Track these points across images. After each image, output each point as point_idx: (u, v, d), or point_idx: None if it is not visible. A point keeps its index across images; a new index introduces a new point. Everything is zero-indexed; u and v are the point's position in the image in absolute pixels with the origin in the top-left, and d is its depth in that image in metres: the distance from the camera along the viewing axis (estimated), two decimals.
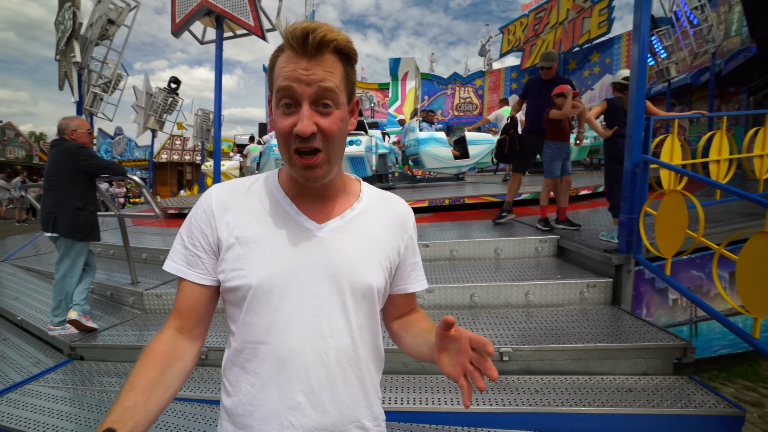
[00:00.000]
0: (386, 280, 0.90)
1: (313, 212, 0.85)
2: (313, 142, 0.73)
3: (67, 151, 3.42)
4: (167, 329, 0.83)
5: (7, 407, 2.63)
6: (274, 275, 0.79)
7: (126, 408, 0.68)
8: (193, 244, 0.84)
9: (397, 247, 0.91)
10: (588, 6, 15.30)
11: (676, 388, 2.42)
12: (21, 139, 25.32)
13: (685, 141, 3.83)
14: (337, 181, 0.88)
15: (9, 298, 4.63)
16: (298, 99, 0.72)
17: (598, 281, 3.29)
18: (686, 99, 12.46)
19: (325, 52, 0.72)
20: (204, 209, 0.85)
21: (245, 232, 0.81)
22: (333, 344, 0.81)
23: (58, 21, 7.15)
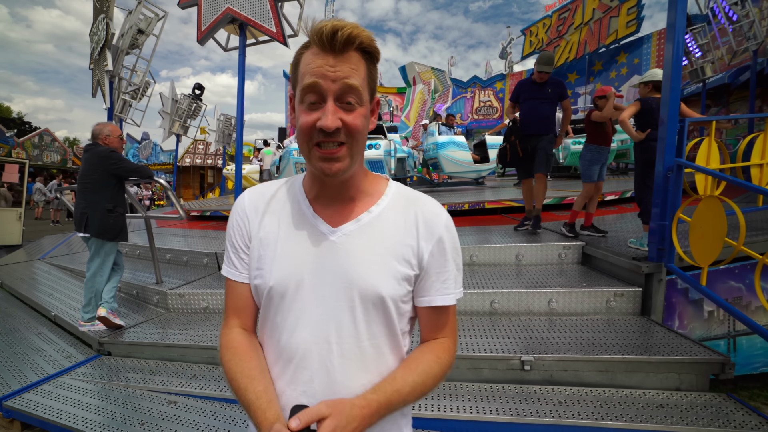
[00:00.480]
0: (407, 289, 0.83)
1: (330, 215, 0.84)
2: (337, 136, 0.74)
3: (99, 155, 3.54)
4: (233, 328, 0.88)
5: (41, 398, 2.75)
6: (287, 277, 0.80)
7: (261, 392, 0.76)
8: (234, 247, 0.89)
9: (419, 253, 0.83)
10: (615, 5, 14.81)
11: (713, 406, 2.29)
12: (57, 144, 26.47)
13: (723, 144, 3.65)
14: (359, 180, 0.86)
15: (44, 294, 4.83)
16: (324, 95, 0.73)
17: (626, 290, 3.17)
18: (723, 100, 11.91)
19: (350, 49, 0.73)
20: (239, 213, 0.89)
21: (267, 233, 0.85)
22: (338, 351, 0.79)
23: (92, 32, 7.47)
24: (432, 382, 0.82)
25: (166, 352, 3.26)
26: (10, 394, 2.80)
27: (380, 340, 0.82)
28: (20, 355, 3.40)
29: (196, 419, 2.45)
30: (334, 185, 0.83)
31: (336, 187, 0.83)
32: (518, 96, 4.63)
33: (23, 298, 4.97)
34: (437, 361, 0.84)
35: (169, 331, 3.48)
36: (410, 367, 0.82)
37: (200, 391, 2.73)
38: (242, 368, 0.81)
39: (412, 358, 0.85)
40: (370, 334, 0.81)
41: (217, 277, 4.41)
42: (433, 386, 0.82)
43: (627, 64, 15.49)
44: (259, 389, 0.77)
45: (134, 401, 2.67)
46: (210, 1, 4.39)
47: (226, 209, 7.77)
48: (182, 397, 2.69)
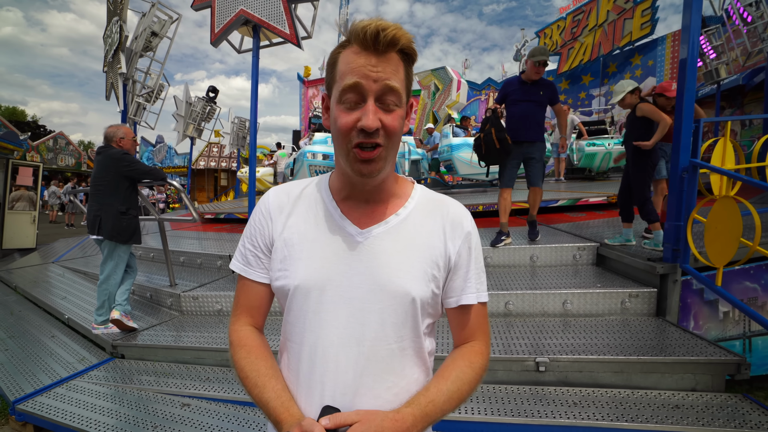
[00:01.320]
0: (432, 292, 0.82)
1: (358, 216, 0.84)
2: (376, 137, 0.74)
3: (112, 157, 3.57)
4: (244, 325, 0.90)
5: (54, 401, 2.75)
6: (313, 278, 0.80)
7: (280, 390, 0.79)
8: (254, 245, 0.89)
9: (447, 254, 0.84)
10: (630, 7, 14.80)
11: (729, 407, 2.27)
12: (71, 147, 26.88)
13: (737, 144, 3.60)
14: (389, 183, 0.86)
15: (58, 297, 4.88)
16: (364, 95, 0.73)
17: (641, 291, 3.14)
18: (737, 101, 11.77)
19: (391, 51, 0.73)
20: (262, 212, 0.89)
21: (291, 234, 0.84)
22: (365, 353, 0.78)
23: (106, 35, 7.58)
24: (467, 388, 0.81)
25: (179, 355, 3.27)
26: (23, 397, 2.80)
27: (406, 342, 0.81)
28: (33, 358, 3.41)
29: (210, 422, 2.45)
30: (364, 187, 0.83)
31: (366, 190, 0.83)
32: (505, 97, 4.16)
33: (37, 301, 5.01)
34: (470, 366, 0.83)
35: (183, 333, 3.50)
36: (443, 376, 0.81)
37: (214, 394, 2.74)
38: (258, 367, 0.82)
39: (445, 366, 0.84)
40: (398, 337, 0.80)
41: (231, 279, 4.43)
42: (469, 392, 0.81)
43: (642, 65, 15.41)
44: (278, 388, 0.79)
45: (147, 404, 2.68)
46: (223, 3, 4.44)
47: (240, 212, 7.80)
48: (196, 400, 2.70)
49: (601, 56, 16.30)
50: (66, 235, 11.40)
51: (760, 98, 10.17)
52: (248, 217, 4.67)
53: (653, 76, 15.03)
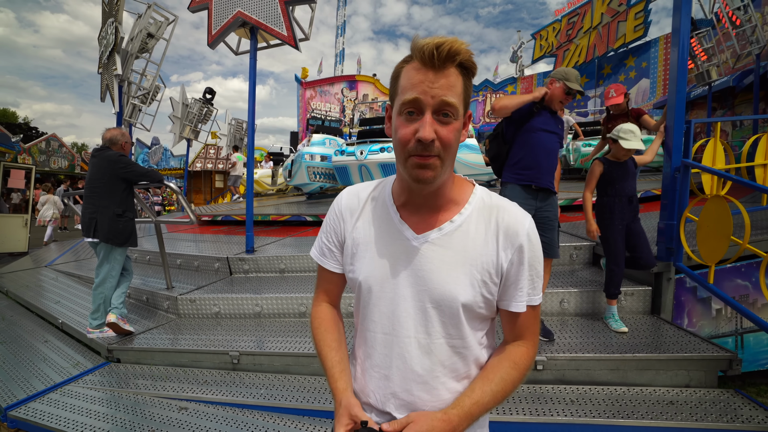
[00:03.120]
0: (483, 297, 0.86)
1: (416, 222, 0.90)
2: (431, 149, 0.78)
3: (108, 159, 3.55)
4: (322, 303, 1.06)
5: (48, 407, 2.72)
6: (372, 276, 0.90)
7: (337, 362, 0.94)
8: (328, 240, 1.01)
9: (498, 261, 0.86)
10: (623, 10, 15.02)
11: (721, 402, 2.31)
12: (64, 149, 26.66)
13: (728, 145, 3.66)
14: (447, 189, 0.89)
15: (51, 301, 4.81)
16: (422, 108, 0.78)
17: (636, 289, 3.17)
18: (728, 102, 11.94)
19: (450, 66, 0.77)
20: (336, 212, 1.00)
21: (358, 234, 0.95)
22: (414, 345, 0.87)
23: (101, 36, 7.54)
24: (511, 388, 0.86)
25: (176, 358, 3.26)
26: (15, 403, 2.75)
27: (455, 341, 0.87)
28: (26, 364, 3.36)
29: (208, 425, 2.45)
30: (421, 192, 0.87)
31: (424, 195, 0.88)
32: (517, 120, 2.87)
33: (29, 306, 4.93)
34: (515, 367, 0.88)
35: (180, 336, 3.48)
36: (488, 378, 0.86)
37: (212, 397, 2.73)
38: (325, 338, 0.99)
39: (490, 366, 0.89)
40: (446, 334, 0.86)
41: (229, 282, 4.42)
42: (512, 390, 0.87)
43: (635, 67, 15.64)
44: (336, 359, 0.95)
45: (144, 408, 2.66)
46: (221, 5, 4.42)
47: (237, 213, 7.78)
48: (193, 403, 2.69)
49: (596, 58, 16.51)
50: (59, 238, 11.30)
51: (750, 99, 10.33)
52: (246, 219, 4.63)
53: (647, 77, 15.24)
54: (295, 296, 3.68)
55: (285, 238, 5.75)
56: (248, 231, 4.85)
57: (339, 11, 23.31)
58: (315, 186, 8.93)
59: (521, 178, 2.81)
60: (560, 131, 2.90)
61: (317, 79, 21.38)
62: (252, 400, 2.66)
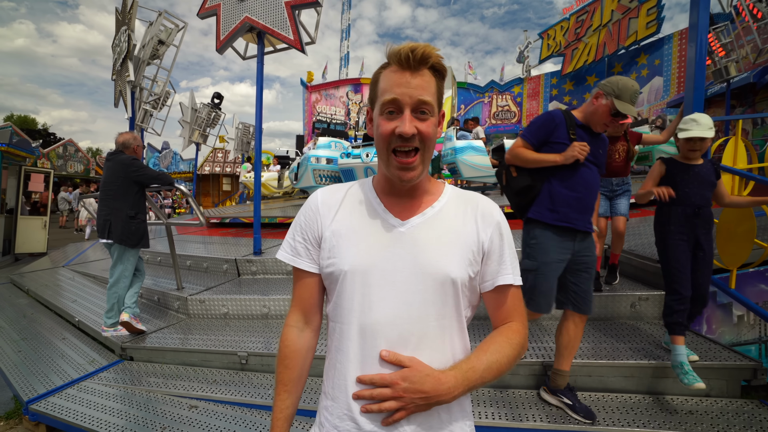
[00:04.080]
0: (470, 275, 0.91)
1: (399, 210, 0.94)
2: (412, 142, 0.86)
3: (122, 163, 3.62)
4: (292, 326, 1.00)
5: (66, 402, 2.79)
6: (360, 263, 0.90)
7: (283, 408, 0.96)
8: (304, 237, 0.99)
9: (479, 240, 0.93)
10: (635, 6, 14.68)
11: (745, 413, 2.22)
12: (80, 154, 27.20)
13: (749, 143, 3.55)
14: (424, 183, 0.96)
15: (68, 300, 4.94)
16: (401, 107, 0.85)
17: (651, 294, 3.09)
18: (749, 100, 11.59)
19: (424, 67, 0.85)
20: (311, 208, 1.00)
21: (339, 226, 0.94)
22: (410, 329, 0.87)
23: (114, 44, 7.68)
24: (506, 362, 0.88)
25: (187, 357, 3.29)
26: (36, 397, 2.85)
27: (447, 320, 0.89)
28: (45, 360, 3.47)
29: (217, 423, 2.47)
30: (403, 187, 0.93)
31: (405, 188, 0.94)
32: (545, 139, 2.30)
33: (48, 304, 5.08)
34: (508, 342, 0.91)
35: (190, 336, 3.52)
36: (483, 349, 0.89)
37: (221, 396, 2.75)
38: (282, 376, 0.97)
39: (484, 341, 0.92)
40: (439, 315, 0.88)
41: (237, 283, 4.45)
42: (507, 366, 0.88)
43: (648, 65, 15.26)
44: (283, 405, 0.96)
45: (156, 405, 2.70)
46: (228, 11, 4.47)
47: (245, 216, 7.84)
48: (203, 402, 2.72)
49: (606, 56, 16.16)
50: (75, 239, 11.52)
51: None
52: (254, 221, 4.65)
53: (660, 75, 14.89)
54: None
55: None
56: (256, 233, 4.88)
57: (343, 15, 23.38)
58: None
59: (556, 218, 2.25)
60: (602, 158, 2.34)
61: (322, 83, 21.46)
62: (260, 400, 2.67)
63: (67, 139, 26.90)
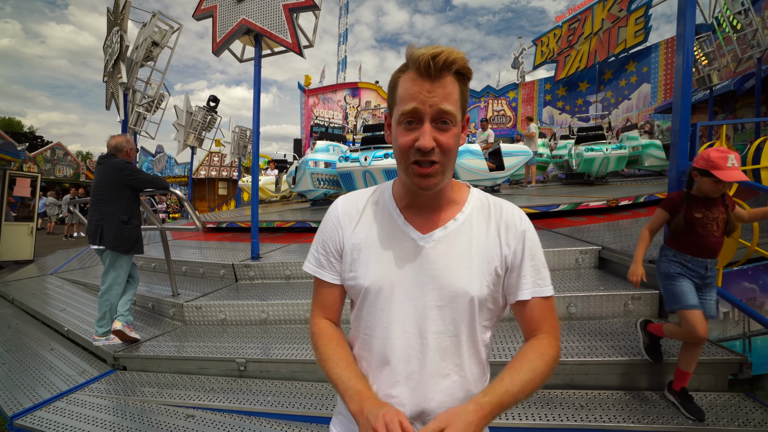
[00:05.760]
0: (491, 289, 0.89)
1: (420, 223, 0.92)
2: (432, 155, 0.81)
3: (114, 166, 3.55)
4: (322, 319, 1.00)
5: (54, 415, 2.71)
6: (381, 279, 0.89)
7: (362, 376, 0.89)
8: (326, 250, 0.98)
9: (502, 255, 0.90)
10: (624, 15, 15.14)
11: (732, 406, 2.29)
12: (69, 158, 26.79)
13: (733, 148, 3.65)
14: (447, 190, 0.93)
15: (57, 309, 4.81)
16: (421, 117, 0.81)
17: (643, 293, 3.15)
18: (730, 106, 11.98)
19: (446, 75, 0.80)
20: (332, 220, 0.98)
21: (360, 239, 0.93)
22: (431, 345, 0.87)
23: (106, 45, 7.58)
24: (539, 379, 0.84)
25: (183, 366, 3.25)
26: (21, 412, 2.74)
27: (463, 336, 0.89)
28: (32, 372, 3.35)
29: None
30: (425, 196, 0.90)
31: (427, 198, 0.91)
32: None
33: (35, 314, 4.93)
34: (541, 357, 0.87)
35: (186, 343, 3.46)
36: (515, 368, 0.85)
37: (219, 404, 2.72)
38: (339, 353, 0.92)
39: (517, 358, 0.88)
40: (456, 330, 0.88)
41: (234, 288, 4.42)
42: (541, 382, 0.85)
43: (636, 72, 15.72)
44: (359, 372, 0.90)
45: (151, 416, 2.64)
46: (225, 13, 4.45)
47: (242, 220, 7.79)
48: (200, 411, 2.67)
49: (596, 63, 16.62)
50: (64, 246, 11.33)
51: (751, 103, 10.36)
52: (251, 225, 4.63)
53: (648, 82, 15.29)
54: (301, 302, 3.66)
55: (290, 245, 5.75)
56: (253, 237, 4.85)
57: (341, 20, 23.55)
58: (319, 192, 8.95)
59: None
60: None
61: (320, 87, 21.55)
62: (259, 408, 2.64)
63: (56, 143, 26.48)
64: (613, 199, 5.96)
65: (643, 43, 14.95)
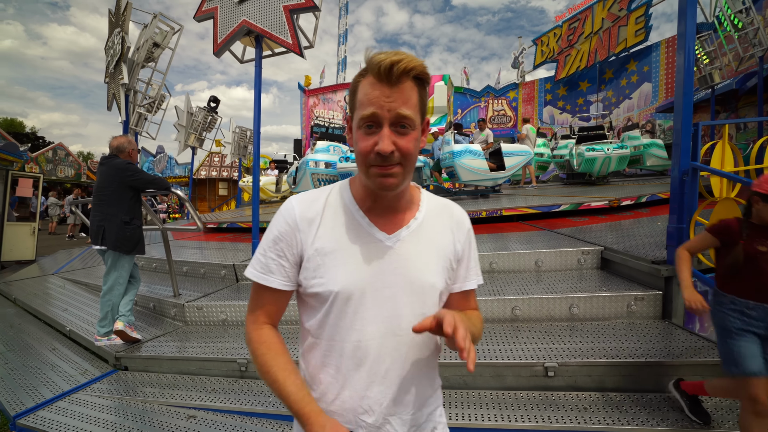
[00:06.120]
0: (447, 282, 0.97)
1: (384, 223, 0.94)
2: (391, 159, 0.83)
3: (116, 167, 3.56)
4: (262, 324, 0.95)
5: (56, 415, 2.72)
6: (351, 283, 0.89)
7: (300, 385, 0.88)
8: (279, 254, 0.92)
9: (455, 249, 0.99)
10: (624, 14, 15.11)
11: (737, 408, 2.25)
12: (71, 158, 26.82)
13: (735, 147, 3.64)
14: (407, 190, 0.97)
15: (58, 309, 4.83)
16: (380, 122, 0.82)
17: (646, 294, 3.13)
18: (732, 105, 11.94)
19: (405, 80, 0.82)
20: (288, 222, 0.93)
21: (323, 243, 0.91)
22: (406, 342, 0.91)
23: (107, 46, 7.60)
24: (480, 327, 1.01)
25: (184, 366, 3.25)
26: (24, 411, 2.75)
27: None
28: (34, 372, 3.36)
29: None
30: (387, 197, 0.92)
31: (389, 199, 0.93)
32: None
33: (37, 314, 4.96)
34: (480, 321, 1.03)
35: (188, 344, 3.47)
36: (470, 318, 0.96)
37: (220, 405, 2.72)
38: (279, 362, 0.89)
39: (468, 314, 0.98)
40: None
41: (235, 289, 4.42)
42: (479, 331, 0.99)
43: (637, 71, 15.69)
44: (298, 382, 0.87)
45: (152, 416, 2.65)
46: (226, 14, 4.46)
47: (243, 221, 7.78)
48: (202, 412, 2.68)
49: (597, 63, 16.58)
50: (66, 246, 11.35)
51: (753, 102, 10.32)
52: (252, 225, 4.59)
53: (649, 81, 15.27)
54: None
55: None
56: (254, 238, 4.84)
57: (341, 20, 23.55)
58: None
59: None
60: None
61: (320, 87, 21.55)
62: (260, 408, 2.64)
63: (57, 143, 26.50)
64: (615, 199, 5.94)
65: (644, 42, 14.90)
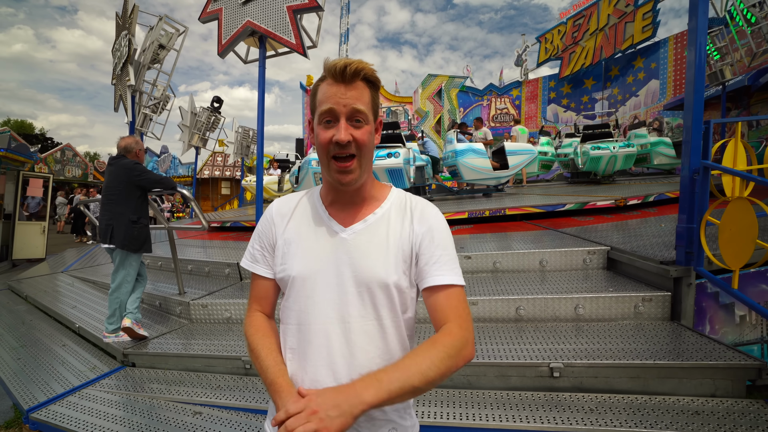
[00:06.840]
0: (407, 275, 0.98)
1: (343, 217, 1.02)
2: (349, 148, 0.93)
3: (124, 167, 3.61)
4: (255, 312, 1.09)
5: (67, 409, 2.77)
6: (306, 269, 0.97)
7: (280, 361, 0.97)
8: (261, 245, 1.07)
9: (411, 242, 0.99)
10: (630, 10, 14.87)
11: (751, 413, 2.21)
12: (78, 159, 27.10)
13: (748, 145, 3.58)
14: (368, 189, 1.04)
15: (68, 306, 4.91)
16: (337, 116, 0.93)
17: (654, 295, 3.09)
18: (744, 102, 11.72)
19: (357, 80, 0.93)
20: (268, 219, 1.08)
21: (290, 234, 1.02)
22: (354, 329, 0.94)
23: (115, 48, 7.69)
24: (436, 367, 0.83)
25: (190, 363, 3.27)
26: (37, 405, 2.82)
27: (386, 321, 0.96)
28: (45, 367, 3.44)
29: (222, 429, 2.45)
30: (347, 192, 1.01)
31: (349, 194, 1.01)
32: None
33: (47, 311, 5.04)
34: (433, 344, 0.87)
35: (193, 341, 3.50)
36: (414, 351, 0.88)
37: (225, 402, 2.73)
38: (264, 342, 1.00)
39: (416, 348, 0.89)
40: (376, 316, 0.95)
41: (239, 287, 4.44)
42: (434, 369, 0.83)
43: (644, 68, 15.43)
44: (279, 359, 0.97)
45: (159, 412, 2.67)
46: (230, 15, 4.48)
47: (246, 220, 7.83)
48: (207, 408, 2.70)
49: (603, 60, 16.37)
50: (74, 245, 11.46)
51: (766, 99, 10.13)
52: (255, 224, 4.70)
53: (656, 78, 15.04)
54: None
55: None
56: None
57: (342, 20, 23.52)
58: None
59: None
60: None
61: None
62: (265, 405, 2.65)
63: (65, 144, 26.81)
64: (621, 199, 5.88)
65: (651, 38, 14.66)
